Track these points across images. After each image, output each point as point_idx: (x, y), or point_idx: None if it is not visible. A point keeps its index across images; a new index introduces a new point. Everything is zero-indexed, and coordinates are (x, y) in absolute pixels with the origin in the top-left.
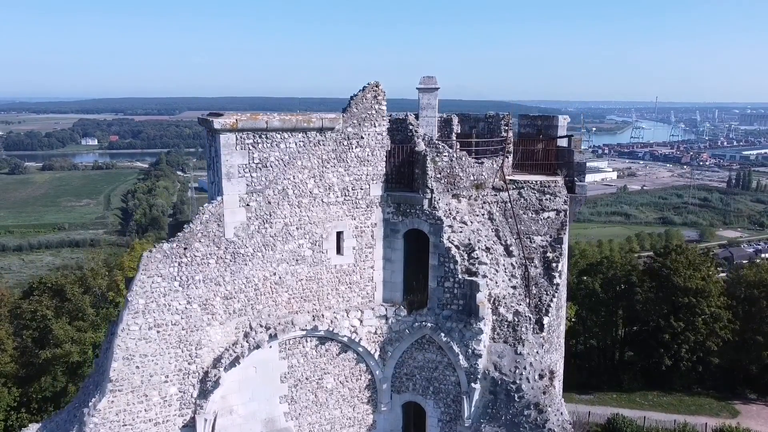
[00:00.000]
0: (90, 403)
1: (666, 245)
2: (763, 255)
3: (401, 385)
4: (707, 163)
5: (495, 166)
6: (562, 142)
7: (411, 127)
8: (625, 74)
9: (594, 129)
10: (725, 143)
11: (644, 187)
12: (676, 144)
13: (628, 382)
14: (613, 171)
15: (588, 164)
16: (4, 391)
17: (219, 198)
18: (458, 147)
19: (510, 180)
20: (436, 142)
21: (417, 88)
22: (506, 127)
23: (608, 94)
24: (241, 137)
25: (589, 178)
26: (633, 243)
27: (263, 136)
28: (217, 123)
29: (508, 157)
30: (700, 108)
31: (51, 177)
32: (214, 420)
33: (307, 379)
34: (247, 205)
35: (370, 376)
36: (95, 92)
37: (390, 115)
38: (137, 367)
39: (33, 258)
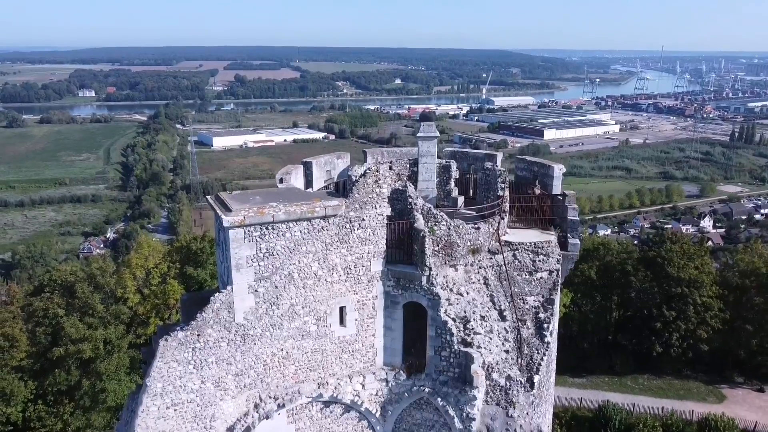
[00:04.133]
0: None
1: (661, 234)
2: (762, 211)
3: None
4: (711, 116)
5: (491, 229)
6: (557, 190)
7: (410, 199)
8: (630, 21)
9: (598, 80)
10: (730, 94)
11: (646, 141)
12: (681, 96)
13: (620, 365)
14: (616, 124)
15: (590, 117)
16: (21, 385)
17: (229, 287)
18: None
19: (505, 242)
20: (435, 212)
21: (417, 137)
22: (503, 185)
23: (613, 43)
24: (248, 231)
25: (591, 131)
26: (633, 198)
27: (269, 227)
28: (226, 221)
29: (504, 218)
30: (706, 57)
31: (49, 130)
32: None
33: None
34: (256, 291)
35: (371, 431)
36: (91, 41)
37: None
38: None
39: (36, 214)
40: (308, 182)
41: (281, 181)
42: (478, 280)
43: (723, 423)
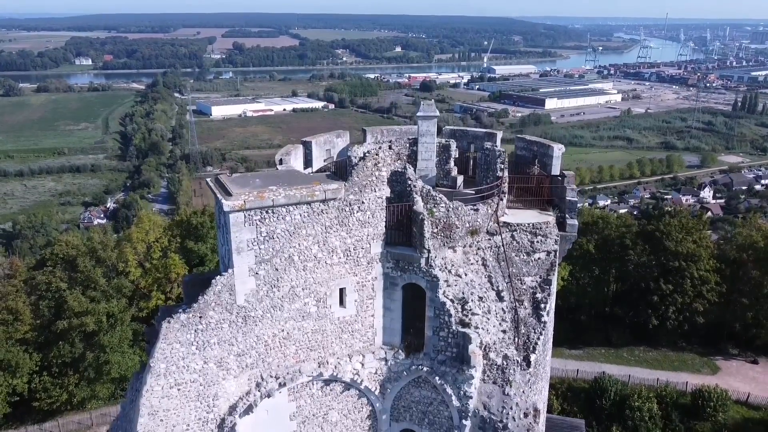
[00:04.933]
0: None
1: (661, 208)
2: (763, 181)
3: (399, 415)
4: (714, 85)
5: (490, 211)
6: (556, 170)
7: (410, 181)
8: None
9: (600, 48)
10: (734, 63)
11: (648, 110)
12: (684, 64)
13: (616, 338)
14: (618, 93)
15: (592, 86)
16: (26, 357)
17: (230, 270)
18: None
19: (504, 223)
20: (434, 194)
21: (417, 116)
22: (502, 166)
23: (617, 10)
24: (249, 215)
25: (593, 100)
26: (633, 169)
27: (269, 211)
28: (227, 206)
29: (503, 199)
30: (711, 25)
31: (47, 99)
32: None
33: (313, 415)
34: (256, 273)
35: (370, 408)
36: (87, 8)
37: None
38: (161, 420)
39: (35, 183)
40: (308, 161)
41: (281, 162)
42: (477, 261)
43: (716, 394)
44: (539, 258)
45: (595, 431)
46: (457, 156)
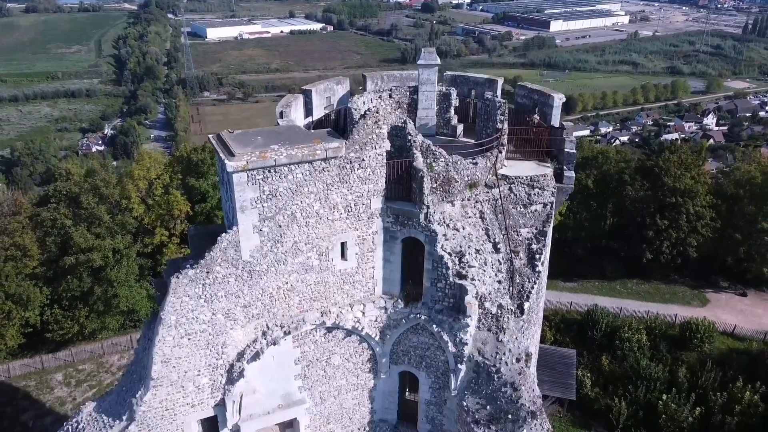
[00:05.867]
0: (137, 395)
1: (661, 143)
2: None
3: (398, 358)
4: (725, 6)
5: (488, 164)
6: (556, 120)
7: (410, 136)
8: None
9: None
10: None
11: (656, 33)
12: None
13: (610, 271)
14: (626, 15)
15: (599, 7)
16: (36, 291)
17: (235, 228)
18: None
19: (502, 176)
20: (433, 148)
21: (417, 64)
22: (502, 117)
23: None
24: (252, 174)
25: (599, 22)
26: (637, 94)
27: (272, 170)
28: (230, 167)
29: (501, 152)
30: None
31: (36, 20)
32: (240, 399)
33: (317, 359)
34: (260, 230)
35: (371, 352)
36: None
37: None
38: (173, 367)
39: (30, 109)
40: (308, 110)
41: (281, 115)
42: (474, 215)
43: (703, 326)
44: (536, 210)
45: (585, 360)
46: (457, 105)
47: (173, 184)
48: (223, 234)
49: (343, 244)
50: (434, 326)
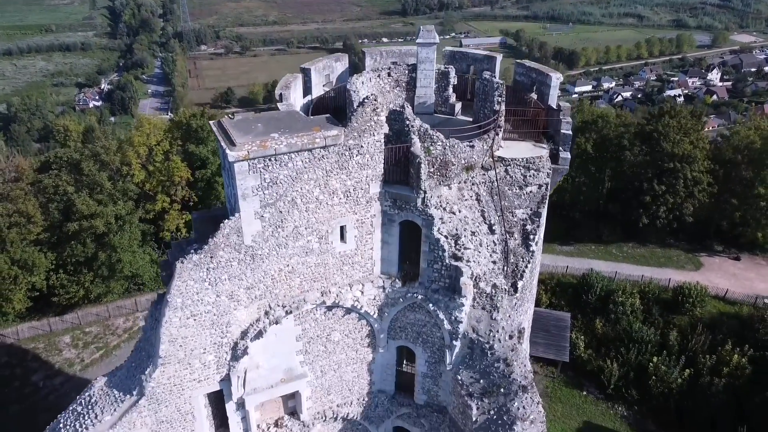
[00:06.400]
0: (146, 372)
1: (661, 107)
2: None
3: (395, 334)
4: None
5: (485, 146)
6: (553, 100)
7: (408, 121)
8: None
9: None
10: None
11: None
12: None
13: (607, 234)
14: None
15: None
16: (41, 256)
17: (237, 214)
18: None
19: (498, 158)
20: (431, 132)
21: (416, 43)
22: (500, 98)
23: None
24: (252, 163)
25: None
26: (641, 49)
27: (272, 159)
28: (231, 156)
29: (498, 134)
30: None
31: None
32: (245, 374)
33: (317, 336)
34: (262, 216)
35: (369, 328)
36: None
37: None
38: (180, 345)
39: (25, 63)
40: (307, 89)
41: (281, 98)
42: (471, 197)
43: (696, 290)
44: (531, 191)
45: (579, 323)
46: (455, 83)
47: (173, 150)
48: (226, 221)
49: (342, 228)
50: (430, 305)
